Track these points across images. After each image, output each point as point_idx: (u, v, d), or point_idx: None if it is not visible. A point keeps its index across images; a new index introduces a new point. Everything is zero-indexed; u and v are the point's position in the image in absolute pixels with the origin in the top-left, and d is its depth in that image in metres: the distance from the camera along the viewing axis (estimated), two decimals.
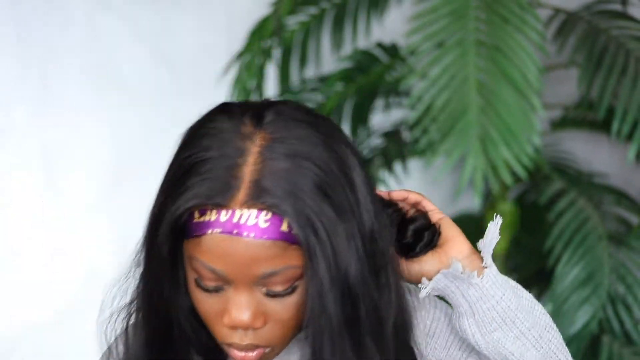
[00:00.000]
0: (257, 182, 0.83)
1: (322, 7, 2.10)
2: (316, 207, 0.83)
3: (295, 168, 0.84)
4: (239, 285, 0.86)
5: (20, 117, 2.04)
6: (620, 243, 1.87)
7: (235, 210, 0.83)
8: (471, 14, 1.72)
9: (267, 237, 0.83)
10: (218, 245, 0.84)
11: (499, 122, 1.66)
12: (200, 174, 0.85)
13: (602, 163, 2.23)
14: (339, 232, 0.84)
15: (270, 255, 0.84)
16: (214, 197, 0.83)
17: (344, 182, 0.86)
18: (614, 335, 1.86)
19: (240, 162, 0.84)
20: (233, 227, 0.83)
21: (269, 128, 0.86)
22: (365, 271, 0.87)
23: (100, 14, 2.10)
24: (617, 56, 1.79)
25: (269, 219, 0.83)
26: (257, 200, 0.83)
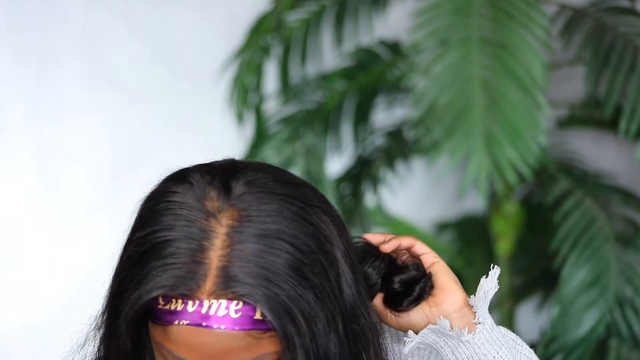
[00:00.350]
0: (226, 269, 0.77)
1: (322, 4, 2.10)
2: (292, 292, 0.77)
3: (267, 250, 0.78)
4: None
5: (16, 116, 2.04)
6: (628, 244, 1.85)
7: (203, 301, 0.77)
8: (475, 11, 1.70)
9: (240, 328, 0.78)
10: (186, 337, 0.78)
11: (503, 121, 1.64)
12: (163, 257, 0.78)
13: (609, 162, 2.23)
14: (319, 317, 0.79)
15: (244, 345, 0.78)
16: (179, 287, 0.77)
17: (322, 259, 0.80)
18: (622, 339, 1.84)
19: (207, 245, 0.78)
20: (202, 319, 0.77)
21: (238, 204, 0.80)
22: (345, 354, 0.82)
23: (98, 12, 2.10)
24: (624, 53, 1.77)
25: (241, 309, 0.77)
26: (227, 289, 0.77)
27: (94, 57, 2.10)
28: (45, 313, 2.05)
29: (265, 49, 2.00)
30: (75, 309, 2.04)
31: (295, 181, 0.84)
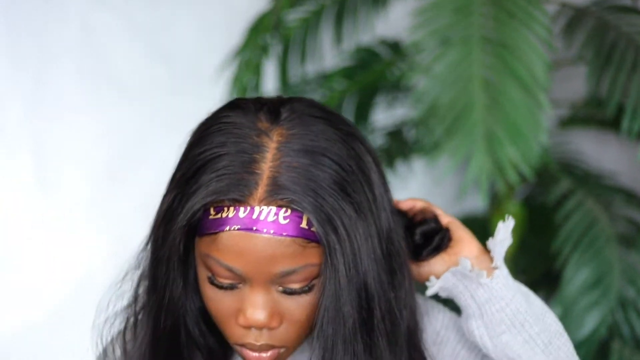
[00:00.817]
0: (276, 179, 0.82)
1: (321, 3, 2.11)
2: (336, 205, 0.82)
3: (313, 164, 0.83)
4: (255, 283, 0.84)
5: (15, 116, 2.04)
6: (630, 245, 1.86)
7: (254, 207, 0.82)
8: (476, 10, 1.70)
9: (287, 234, 0.82)
10: (236, 243, 0.82)
11: (505, 121, 1.64)
12: (216, 170, 0.83)
13: (611, 162, 2.23)
14: (359, 231, 0.83)
15: (290, 253, 0.82)
16: (231, 193, 0.82)
17: (362, 180, 0.85)
18: (624, 340, 1.84)
19: (258, 157, 0.83)
20: (252, 224, 0.81)
21: (286, 124, 0.86)
22: (381, 271, 0.86)
23: (97, 12, 2.10)
24: (626, 52, 1.77)
25: (289, 216, 0.82)
26: (276, 196, 0.82)
27: (93, 57, 2.10)
28: (44, 313, 2.06)
29: (265, 48, 2.00)
30: (75, 309, 2.05)
31: (338, 114, 0.90)
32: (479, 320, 0.94)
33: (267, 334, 0.86)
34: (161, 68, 2.15)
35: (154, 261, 0.89)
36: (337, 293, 0.83)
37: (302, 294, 0.85)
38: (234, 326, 0.86)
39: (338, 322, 0.84)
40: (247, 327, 0.85)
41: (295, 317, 0.86)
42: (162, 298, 0.88)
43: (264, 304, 0.84)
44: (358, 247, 0.83)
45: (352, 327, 0.84)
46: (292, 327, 0.86)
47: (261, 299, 0.84)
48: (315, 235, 0.82)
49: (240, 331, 0.86)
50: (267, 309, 0.85)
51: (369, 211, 0.85)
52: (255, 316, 0.84)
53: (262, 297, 0.84)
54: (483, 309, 0.93)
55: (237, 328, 0.86)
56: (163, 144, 2.16)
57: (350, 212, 0.83)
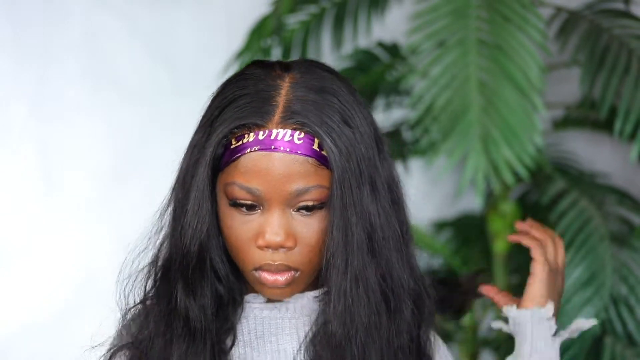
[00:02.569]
0: (290, 107, 0.93)
1: (322, 6, 2.10)
2: (342, 134, 0.92)
3: (322, 100, 0.94)
4: (272, 206, 0.93)
5: (19, 117, 2.04)
6: (623, 243, 1.86)
7: (272, 130, 0.92)
8: (472, 13, 1.71)
9: (301, 152, 0.92)
10: (255, 164, 0.92)
11: (500, 122, 1.65)
12: (237, 106, 0.94)
13: (605, 163, 2.23)
14: (362, 154, 0.93)
15: (303, 171, 0.92)
16: (251, 118, 0.92)
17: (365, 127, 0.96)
18: (617, 337, 1.85)
19: (274, 94, 0.94)
20: (270, 143, 0.92)
21: (296, 71, 0.97)
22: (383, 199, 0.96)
23: (98, 13, 2.09)
24: (619, 55, 1.78)
25: (302, 137, 0.92)
26: (291, 120, 0.92)
27: (95, 58, 2.10)
28: (48, 312, 2.06)
29: (266, 51, 2.00)
30: (75, 309, 2.06)
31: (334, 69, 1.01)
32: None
33: (283, 255, 0.95)
34: (163, 70, 2.15)
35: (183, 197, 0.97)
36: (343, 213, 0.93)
37: (313, 213, 0.94)
38: (253, 250, 0.95)
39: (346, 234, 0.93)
40: (265, 248, 0.94)
41: (307, 240, 0.94)
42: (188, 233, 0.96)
43: (281, 225, 0.93)
44: (360, 173, 0.93)
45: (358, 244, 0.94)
46: (305, 249, 0.95)
47: (278, 220, 0.93)
48: (325, 157, 0.92)
49: (258, 254, 0.95)
50: (284, 229, 0.93)
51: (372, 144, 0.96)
52: (273, 236, 0.93)
53: (279, 219, 0.93)
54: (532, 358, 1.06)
55: (255, 252, 0.95)
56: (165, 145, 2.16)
57: (352, 139, 0.93)
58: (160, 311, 0.99)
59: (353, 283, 0.95)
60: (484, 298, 1.23)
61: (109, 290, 1.08)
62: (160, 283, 1.01)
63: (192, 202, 0.96)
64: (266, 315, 1.02)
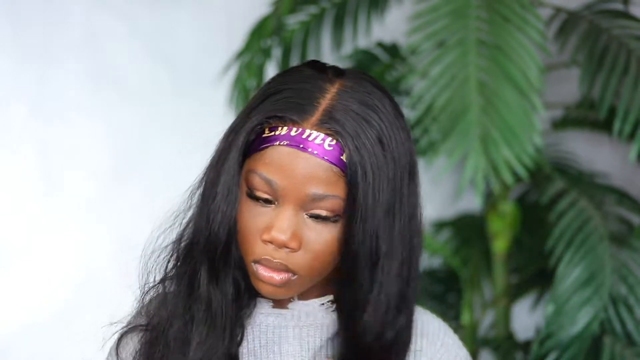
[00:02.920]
0: (330, 112, 0.92)
1: (322, 6, 2.11)
2: (372, 154, 0.92)
3: (364, 114, 0.93)
4: (287, 203, 0.93)
5: (19, 116, 2.04)
6: (622, 243, 1.86)
7: (305, 129, 0.92)
8: (472, 13, 1.71)
9: (328, 159, 0.91)
10: (280, 157, 0.92)
11: (500, 122, 1.65)
12: (280, 98, 0.94)
13: (604, 163, 2.23)
14: (383, 183, 0.93)
15: (325, 177, 0.91)
16: (289, 113, 0.92)
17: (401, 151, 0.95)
18: (616, 337, 1.85)
19: (319, 95, 0.93)
20: (301, 142, 0.91)
21: (348, 80, 0.96)
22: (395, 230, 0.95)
23: (99, 13, 2.09)
24: (618, 56, 1.78)
25: (334, 145, 0.91)
26: (327, 125, 0.92)
27: (96, 58, 2.10)
28: (45, 313, 2.06)
29: (266, 51, 2.00)
30: (76, 309, 2.06)
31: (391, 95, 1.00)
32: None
33: (284, 255, 0.94)
34: (163, 70, 2.15)
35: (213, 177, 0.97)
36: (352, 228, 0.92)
37: (325, 223, 0.93)
38: (257, 242, 0.94)
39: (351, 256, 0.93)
40: (269, 242, 0.94)
41: (313, 247, 0.94)
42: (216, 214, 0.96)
43: (290, 224, 0.93)
44: (378, 197, 0.92)
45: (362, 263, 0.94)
46: (308, 255, 0.94)
47: (288, 219, 0.93)
48: (349, 172, 0.92)
49: (261, 247, 0.94)
50: (291, 229, 0.93)
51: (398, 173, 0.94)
52: (279, 233, 0.93)
53: (290, 218, 0.93)
54: None
55: (259, 244, 0.94)
56: (165, 145, 2.17)
57: (382, 160, 0.92)
58: (180, 292, 0.99)
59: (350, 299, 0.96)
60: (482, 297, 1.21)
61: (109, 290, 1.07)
62: (182, 264, 1.00)
63: (222, 186, 0.96)
64: (270, 323, 1.02)
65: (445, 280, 2.23)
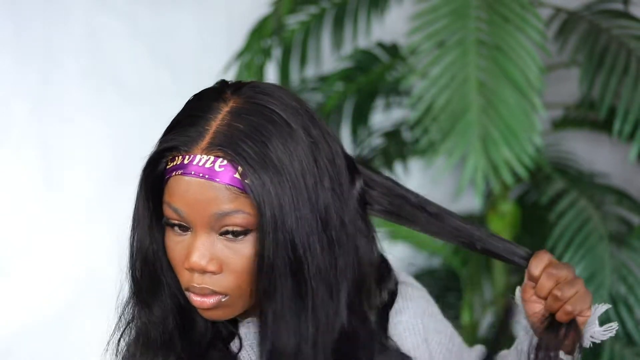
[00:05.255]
0: (220, 134, 0.94)
1: (322, 7, 2.11)
2: (268, 166, 0.93)
3: (256, 131, 0.94)
4: (198, 229, 0.95)
5: (19, 116, 2.04)
6: (622, 243, 1.87)
7: (196, 155, 0.94)
8: (472, 13, 1.72)
9: (220, 180, 0.93)
10: (179, 186, 0.95)
11: (499, 122, 1.66)
12: (179, 128, 0.96)
13: (604, 163, 2.23)
14: (286, 193, 0.93)
15: (223, 197, 0.93)
16: (181, 143, 0.95)
17: (299, 155, 0.95)
18: (616, 336, 1.85)
19: (211, 117, 0.95)
20: (191, 169, 0.94)
21: (243, 95, 0.97)
22: (313, 236, 0.95)
23: (100, 13, 2.10)
24: (618, 56, 1.79)
25: (224, 165, 0.93)
26: (215, 147, 0.94)
27: (96, 59, 2.10)
28: (45, 313, 2.06)
29: (266, 51, 2.00)
30: (76, 308, 2.06)
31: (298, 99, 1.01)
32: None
33: (208, 279, 0.96)
34: (163, 70, 2.16)
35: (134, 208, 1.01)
36: (264, 240, 0.94)
37: (238, 239, 0.95)
38: (183, 271, 0.97)
39: (266, 267, 0.94)
40: (191, 270, 0.96)
41: (233, 265, 0.96)
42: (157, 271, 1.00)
43: (205, 249, 0.95)
44: (284, 205, 0.93)
45: (279, 274, 0.95)
46: (231, 275, 0.96)
47: (202, 244, 0.95)
48: (247, 187, 0.93)
49: (187, 276, 0.97)
50: (207, 253, 0.95)
51: (302, 180, 0.95)
52: (195, 259, 0.95)
53: (203, 243, 0.95)
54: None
55: (185, 273, 0.97)
56: None
57: (279, 175, 0.93)
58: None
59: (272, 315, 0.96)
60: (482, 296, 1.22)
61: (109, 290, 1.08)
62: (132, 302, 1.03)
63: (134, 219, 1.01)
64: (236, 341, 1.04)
65: (445, 280, 2.23)
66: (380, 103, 2.16)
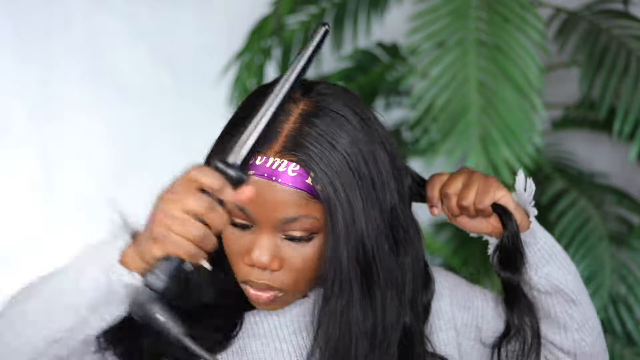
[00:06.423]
0: (293, 138, 0.95)
1: (322, 7, 2.11)
2: (339, 171, 0.94)
3: (328, 135, 0.95)
4: (262, 227, 0.96)
5: (20, 117, 2.05)
6: (622, 243, 1.87)
7: (269, 158, 0.94)
8: (472, 13, 1.72)
9: (293, 185, 0.94)
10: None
11: (499, 122, 1.66)
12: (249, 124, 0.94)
13: (604, 163, 2.23)
14: (357, 196, 0.95)
15: (293, 202, 0.94)
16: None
17: (368, 158, 0.96)
18: (616, 336, 1.86)
19: (283, 119, 0.95)
20: (265, 171, 0.94)
21: (315, 97, 0.98)
22: (381, 237, 0.97)
23: (100, 14, 2.10)
24: (618, 56, 1.79)
25: (297, 170, 0.94)
26: (290, 151, 0.94)
27: (96, 59, 2.11)
28: None
29: (266, 51, 2.00)
30: None
31: (363, 104, 1.02)
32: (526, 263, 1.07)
33: (268, 275, 0.97)
34: (164, 70, 2.16)
35: None
36: (334, 245, 0.95)
37: (301, 242, 0.96)
38: (242, 264, 0.98)
39: (336, 270, 0.96)
40: (251, 266, 0.97)
41: (294, 265, 0.97)
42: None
43: (268, 247, 0.96)
44: (355, 209, 0.95)
45: (348, 277, 0.96)
46: (290, 273, 0.98)
47: (265, 242, 0.96)
48: (318, 192, 0.94)
49: (245, 269, 0.98)
50: (270, 252, 0.96)
51: (371, 183, 0.96)
52: (258, 257, 0.96)
53: (267, 241, 0.96)
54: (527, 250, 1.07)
55: (244, 266, 0.98)
56: (166, 144, 2.18)
57: (351, 179, 0.95)
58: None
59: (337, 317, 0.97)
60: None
61: None
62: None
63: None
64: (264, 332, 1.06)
65: None
66: (380, 103, 2.16)
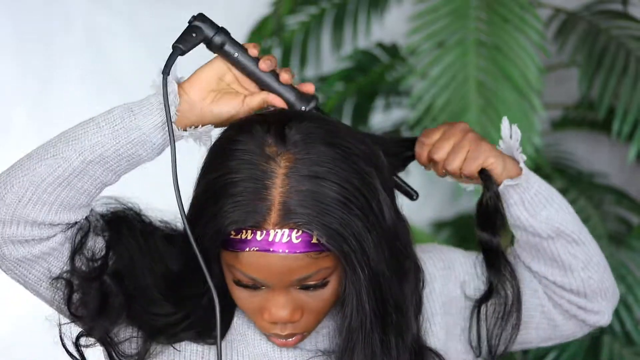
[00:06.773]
0: (286, 204, 0.91)
1: (322, 7, 2.11)
2: (343, 220, 0.92)
3: (319, 187, 0.92)
4: (275, 288, 0.95)
5: (20, 117, 2.04)
6: (621, 243, 1.87)
7: (269, 231, 0.91)
8: (471, 14, 1.72)
9: (300, 251, 0.92)
10: (256, 261, 0.92)
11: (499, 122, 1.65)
12: (232, 195, 0.92)
13: (603, 163, 2.24)
14: (367, 238, 0.93)
15: (303, 264, 0.93)
16: (248, 221, 0.91)
17: (365, 192, 0.94)
18: (615, 336, 1.86)
19: (269, 184, 0.91)
20: (269, 245, 0.91)
21: (292, 149, 0.93)
22: (391, 268, 0.97)
23: (99, 14, 2.10)
24: (617, 56, 1.80)
25: (300, 235, 0.91)
26: (288, 220, 0.91)
27: (96, 59, 2.11)
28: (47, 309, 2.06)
29: (266, 51, 2.01)
30: None
31: (339, 126, 0.98)
32: (521, 206, 1.08)
33: (290, 326, 0.98)
34: None
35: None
36: (359, 293, 0.94)
37: (317, 288, 0.95)
38: (262, 320, 0.98)
39: (361, 320, 0.96)
40: (273, 323, 0.97)
41: (314, 309, 0.97)
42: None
43: (286, 303, 0.95)
44: (369, 251, 0.93)
45: (371, 323, 0.96)
46: (312, 316, 0.98)
47: (283, 299, 0.95)
48: (326, 246, 0.92)
49: (266, 325, 0.97)
50: (289, 307, 0.96)
51: (374, 217, 0.94)
52: (278, 314, 0.96)
53: (284, 298, 0.95)
54: (523, 196, 1.08)
55: (264, 322, 0.98)
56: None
57: (357, 223, 0.92)
58: None
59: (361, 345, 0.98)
60: None
61: None
62: None
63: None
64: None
65: None
66: (380, 103, 2.16)
